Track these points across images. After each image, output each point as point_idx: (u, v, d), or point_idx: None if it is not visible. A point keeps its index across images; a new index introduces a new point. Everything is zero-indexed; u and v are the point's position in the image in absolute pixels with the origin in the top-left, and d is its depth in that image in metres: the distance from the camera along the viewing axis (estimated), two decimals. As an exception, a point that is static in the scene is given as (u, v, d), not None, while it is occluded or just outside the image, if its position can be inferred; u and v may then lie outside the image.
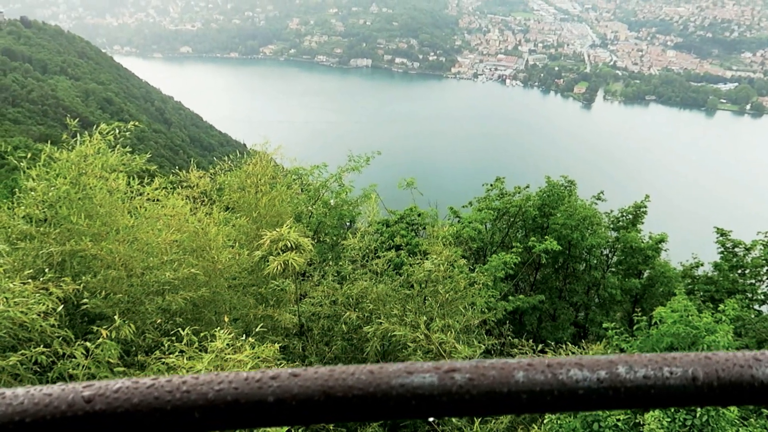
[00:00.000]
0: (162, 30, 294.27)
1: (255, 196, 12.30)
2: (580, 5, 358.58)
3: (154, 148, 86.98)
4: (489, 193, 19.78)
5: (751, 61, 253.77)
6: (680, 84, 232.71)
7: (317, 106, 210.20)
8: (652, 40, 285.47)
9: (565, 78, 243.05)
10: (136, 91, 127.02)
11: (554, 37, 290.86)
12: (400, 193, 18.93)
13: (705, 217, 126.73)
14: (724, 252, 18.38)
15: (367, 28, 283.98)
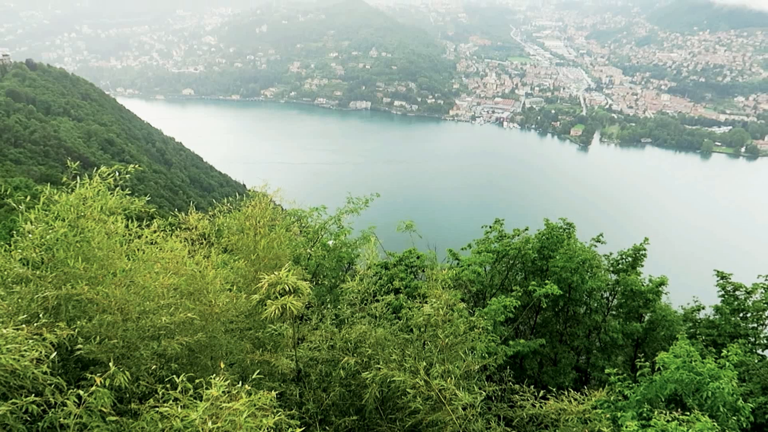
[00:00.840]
0: (165, 73, 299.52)
1: (254, 238, 12.24)
2: (575, 50, 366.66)
3: (154, 189, 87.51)
4: (488, 235, 19.72)
5: (744, 105, 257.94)
6: (675, 127, 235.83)
7: (317, 148, 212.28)
8: (647, 84, 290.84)
9: (561, 120, 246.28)
10: (138, 132, 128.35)
11: (550, 81, 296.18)
12: (398, 235, 18.89)
13: (704, 259, 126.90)
14: (724, 295, 18.22)
15: (367, 72, 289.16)
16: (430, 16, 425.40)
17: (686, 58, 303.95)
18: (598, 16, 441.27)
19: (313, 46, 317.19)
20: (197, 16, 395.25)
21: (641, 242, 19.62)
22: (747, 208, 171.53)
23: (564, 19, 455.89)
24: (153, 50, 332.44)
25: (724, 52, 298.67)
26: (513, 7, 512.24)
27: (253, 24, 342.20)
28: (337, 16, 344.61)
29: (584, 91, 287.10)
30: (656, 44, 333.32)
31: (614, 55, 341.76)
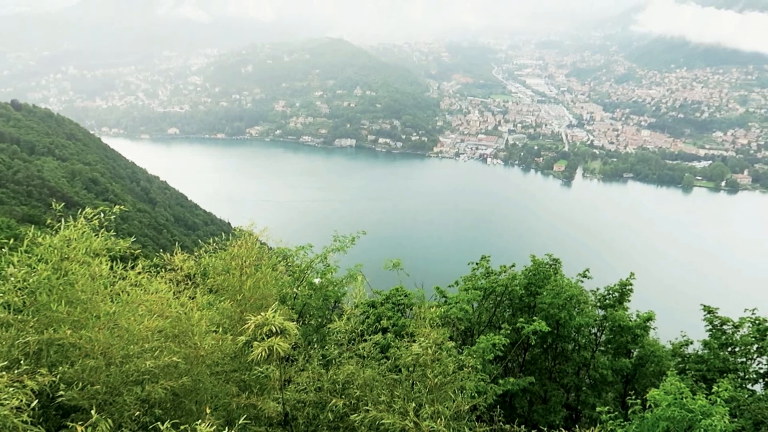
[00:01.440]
0: (150, 112, 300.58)
1: (239, 278, 12.10)
2: (556, 88, 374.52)
3: (138, 228, 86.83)
4: (475, 272, 19.72)
5: (722, 140, 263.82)
6: (656, 162, 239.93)
7: (303, 185, 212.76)
8: (627, 120, 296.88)
9: (544, 156, 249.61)
10: (123, 171, 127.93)
11: (532, 118, 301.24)
12: (386, 273, 18.80)
13: (690, 293, 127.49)
14: (712, 330, 18.28)
15: (352, 110, 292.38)
16: (413, 56, 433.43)
17: (665, 94, 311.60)
18: (578, 54, 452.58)
19: (299, 85, 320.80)
20: (183, 56, 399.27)
21: (627, 277, 19.71)
22: (729, 241, 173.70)
23: (544, 57, 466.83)
24: (139, 90, 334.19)
25: (701, 89, 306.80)
26: (494, 47, 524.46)
27: (238, 64, 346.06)
28: (322, 56, 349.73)
29: (566, 128, 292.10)
30: (635, 81, 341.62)
31: (594, 92, 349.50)
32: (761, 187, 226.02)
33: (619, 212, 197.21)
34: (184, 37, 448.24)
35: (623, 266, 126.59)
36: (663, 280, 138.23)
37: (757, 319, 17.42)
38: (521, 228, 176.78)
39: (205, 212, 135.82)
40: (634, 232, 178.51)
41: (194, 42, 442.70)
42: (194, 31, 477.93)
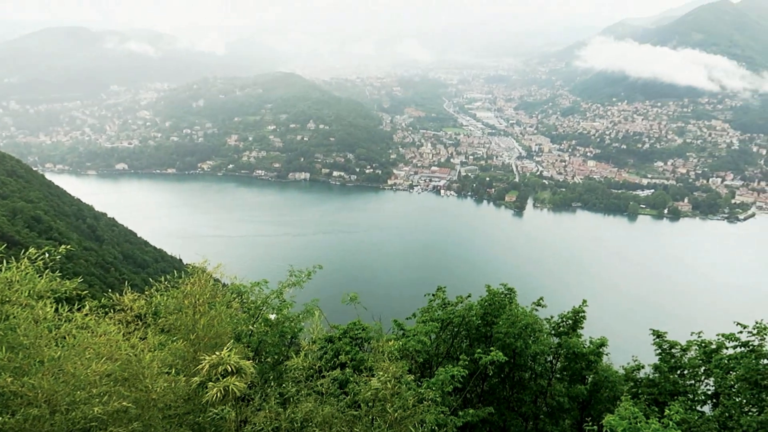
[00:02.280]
0: (97, 148, 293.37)
1: (193, 317, 11.80)
2: (506, 121, 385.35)
3: (84, 267, 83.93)
4: (431, 303, 19.74)
5: (663, 170, 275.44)
6: (602, 191, 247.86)
7: (256, 220, 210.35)
8: (573, 151, 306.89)
9: (496, 187, 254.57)
10: (68, 209, 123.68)
11: (484, 150, 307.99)
12: (343, 307, 18.66)
13: (640, 318, 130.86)
14: (661, 353, 18.71)
15: (305, 144, 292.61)
16: (365, 90, 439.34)
17: (608, 126, 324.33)
18: (525, 89, 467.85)
19: (251, 120, 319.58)
20: (132, 91, 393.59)
21: (580, 304, 20.08)
22: (674, 266, 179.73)
23: (493, 91, 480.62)
24: (85, 125, 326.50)
25: (641, 121, 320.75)
26: (445, 81, 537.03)
27: (189, 98, 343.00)
28: (274, 90, 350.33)
29: (516, 159, 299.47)
30: (580, 114, 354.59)
31: (542, 125, 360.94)
32: (701, 214, 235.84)
33: (569, 240, 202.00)
34: (133, 72, 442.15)
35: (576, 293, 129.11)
36: (614, 306, 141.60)
37: (703, 341, 17.96)
38: (476, 258, 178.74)
39: (156, 249, 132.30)
40: (585, 259, 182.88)
41: (144, 76, 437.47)
42: (143, 66, 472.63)
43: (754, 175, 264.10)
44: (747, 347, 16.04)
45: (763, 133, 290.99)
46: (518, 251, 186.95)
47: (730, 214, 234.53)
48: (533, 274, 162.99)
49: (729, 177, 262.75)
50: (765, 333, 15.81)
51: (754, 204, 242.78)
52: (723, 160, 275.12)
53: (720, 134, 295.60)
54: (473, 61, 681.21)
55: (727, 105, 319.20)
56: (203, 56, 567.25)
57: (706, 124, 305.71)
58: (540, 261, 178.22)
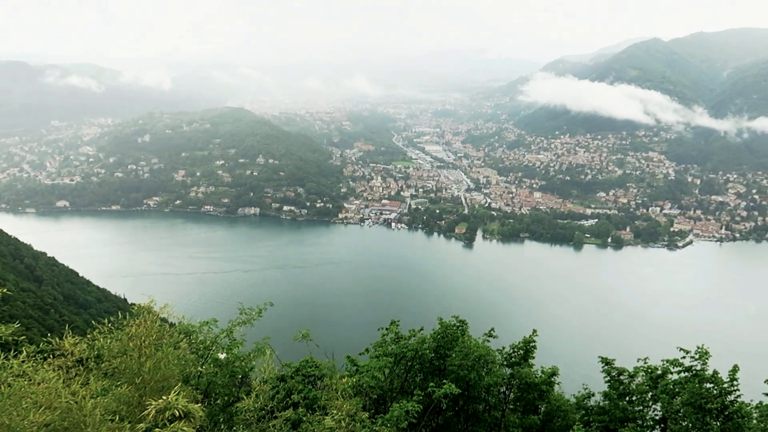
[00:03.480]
0: (37, 185, 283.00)
1: (138, 360, 11.39)
2: (454, 154, 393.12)
3: (22, 309, 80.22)
4: (384, 337, 19.64)
5: (605, 200, 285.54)
6: (549, 222, 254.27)
7: (205, 256, 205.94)
8: (520, 183, 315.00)
9: (446, 219, 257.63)
10: (3, 248, 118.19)
11: (433, 183, 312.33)
12: (295, 344, 18.37)
13: (589, 345, 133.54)
14: (610, 380, 19.09)
15: (255, 178, 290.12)
16: (315, 124, 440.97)
17: (552, 159, 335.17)
18: (471, 123, 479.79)
19: (199, 155, 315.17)
20: (74, 126, 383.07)
21: (530, 334, 20.35)
22: (619, 293, 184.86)
23: (441, 125, 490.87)
24: (24, 162, 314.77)
25: (583, 153, 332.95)
26: (394, 115, 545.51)
27: (135, 134, 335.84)
28: (222, 125, 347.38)
29: (465, 191, 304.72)
30: (525, 147, 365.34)
31: (489, 158, 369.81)
32: (642, 242, 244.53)
33: (519, 271, 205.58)
34: (75, 107, 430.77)
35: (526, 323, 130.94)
36: (563, 334, 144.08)
37: (649, 367, 18.45)
38: (428, 291, 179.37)
39: (99, 288, 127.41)
40: (534, 289, 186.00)
41: (86, 111, 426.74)
42: (86, 100, 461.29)
43: (690, 204, 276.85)
44: (690, 372, 16.57)
45: (696, 164, 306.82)
46: (469, 282, 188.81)
47: (669, 242, 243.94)
48: (484, 305, 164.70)
49: (667, 206, 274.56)
50: (706, 357, 16.39)
51: (691, 231, 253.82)
52: (661, 190, 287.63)
53: (657, 165, 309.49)
54: (421, 96, 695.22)
55: (663, 137, 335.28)
56: (148, 91, 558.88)
57: (644, 156, 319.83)
58: (490, 292, 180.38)
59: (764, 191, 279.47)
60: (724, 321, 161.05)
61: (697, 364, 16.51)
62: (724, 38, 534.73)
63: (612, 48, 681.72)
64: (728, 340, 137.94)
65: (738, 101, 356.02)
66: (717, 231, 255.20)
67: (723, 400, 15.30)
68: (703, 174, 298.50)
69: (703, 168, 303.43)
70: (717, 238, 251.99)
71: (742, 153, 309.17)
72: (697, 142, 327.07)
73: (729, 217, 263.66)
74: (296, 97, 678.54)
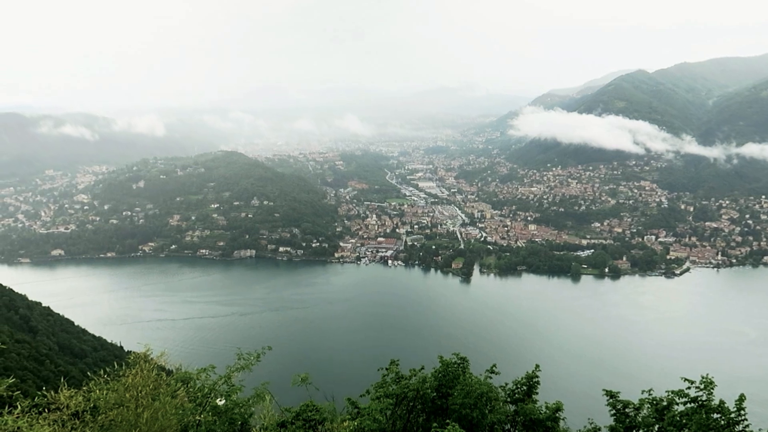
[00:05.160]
0: (31, 234, 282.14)
1: (135, 411, 11.20)
2: (447, 189, 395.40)
3: (17, 361, 79.14)
4: (385, 378, 19.36)
5: (600, 230, 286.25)
6: (545, 253, 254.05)
7: (201, 300, 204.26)
8: (514, 216, 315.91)
9: (442, 255, 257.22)
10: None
11: (428, 219, 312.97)
12: (294, 389, 18.09)
13: (592, 377, 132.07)
14: (616, 414, 18.79)
15: (250, 221, 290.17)
16: (308, 165, 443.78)
17: (545, 191, 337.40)
18: (464, 158, 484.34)
19: (194, 199, 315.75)
20: (69, 175, 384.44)
21: (533, 369, 20.11)
22: (619, 323, 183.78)
23: (434, 162, 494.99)
24: (18, 212, 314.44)
25: (576, 185, 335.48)
26: (386, 154, 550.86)
27: (129, 180, 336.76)
28: (216, 169, 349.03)
29: (460, 226, 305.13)
30: (517, 180, 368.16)
31: (482, 192, 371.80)
32: (639, 270, 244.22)
33: (517, 304, 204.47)
34: (69, 156, 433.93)
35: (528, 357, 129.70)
36: (566, 368, 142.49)
37: (654, 399, 18.19)
38: (427, 328, 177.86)
39: (95, 337, 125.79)
40: (534, 322, 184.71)
41: (80, 160, 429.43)
42: (80, 149, 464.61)
43: (685, 231, 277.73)
44: (696, 402, 16.35)
45: (688, 191, 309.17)
46: (468, 318, 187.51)
47: (666, 270, 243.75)
48: (484, 340, 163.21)
49: (662, 234, 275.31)
50: (711, 387, 16.20)
51: (688, 258, 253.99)
52: (655, 218, 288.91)
53: (649, 194, 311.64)
54: (412, 134, 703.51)
55: (654, 166, 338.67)
56: (142, 138, 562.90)
57: (636, 185, 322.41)
58: (490, 327, 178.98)
59: (757, 216, 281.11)
60: (726, 348, 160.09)
61: (702, 394, 16.30)
62: (707, 68, 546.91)
63: (598, 81, 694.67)
64: (731, 368, 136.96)
65: (725, 128, 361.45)
66: (713, 257, 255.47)
67: (732, 431, 15.08)
68: (696, 201, 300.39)
69: (696, 195, 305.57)
70: (714, 264, 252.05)
71: (732, 179, 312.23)
72: (687, 170, 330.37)
73: (724, 243, 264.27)
74: (289, 139, 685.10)
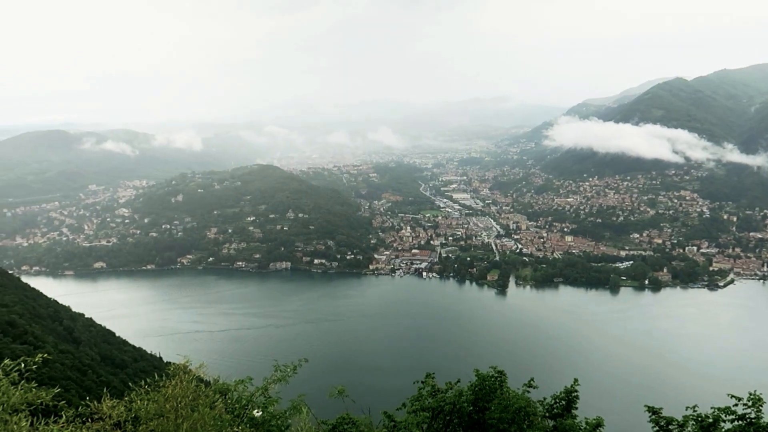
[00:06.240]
0: (75, 247, 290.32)
1: (175, 422, 11.37)
2: (482, 201, 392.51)
3: (60, 371, 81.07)
4: (421, 391, 19.23)
5: (639, 241, 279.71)
6: (582, 265, 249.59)
7: (238, 312, 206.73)
8: (550, 227, 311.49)
9: (477, 267, 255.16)
10: (43, 311, 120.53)
11: (462, 231, 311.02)
12: (330, 401, 18.11)
13: (634, 393, 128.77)
14: (659, 430, 18.27)
15: (285, 233, 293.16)
16: (342, 178, 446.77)
17: (581, 201, 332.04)
18: (498, 169, 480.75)
19: (230, 212, 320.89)
20: (110, 190, 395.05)
21: (572, 383, 19.70)
22: (660, 337, 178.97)
23: (468, 173, 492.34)
24: (63, 226, 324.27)
25: (613, 195, 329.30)
26: (420, 166, 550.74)
27: (168, 194, 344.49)
28: (252, 183, 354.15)
29: (495, 238, 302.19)
30: (553, 191, 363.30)
31: (517, 203, 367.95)
32: (681, 282, 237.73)
33: (554, 317, 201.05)
34: (111, 171, 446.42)
35: (566, 372, 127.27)
36: (605, 383, 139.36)
37: (699, 416, 17.61)
38: (463, 340, 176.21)
39: (135, 348, 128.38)
40: (572, 335, 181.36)
41: (122, 174, 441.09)
42: (121, 165, 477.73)
43: (728, 242, 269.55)
44: (744, 420, 15.77)
45: (731, 201, 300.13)
46: (504, 331, 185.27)
47: (709, 282, 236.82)
48: (521, 353, 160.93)
49: (704, 245, 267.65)
50: (760, 404, 15.60)
51: (732, 270, 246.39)
52: (696, 228, 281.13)
53: (690, 204, 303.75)
54: (446, 146, 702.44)
55: (694, 176, 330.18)
56: (180, 153, 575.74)
57: (676, 195, 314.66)
58: (526, 339, 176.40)
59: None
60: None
61: (751, 411, 15.71)
62: (748, 74, 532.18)
63: (635, 89, 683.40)
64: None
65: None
66: (759, 269, 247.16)
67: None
68: (739, 211, 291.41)
69: (739, 204, 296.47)
70: (759, 275, 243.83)
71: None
72: (729, 179, 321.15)
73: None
74: (323, 152, 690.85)
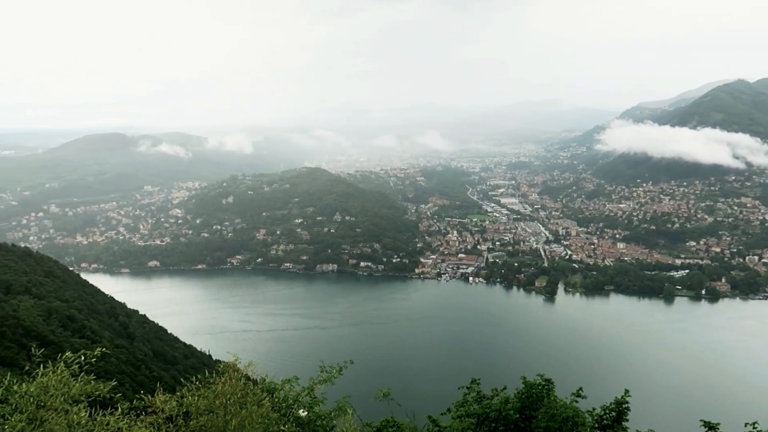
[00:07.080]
0: (131, 246, 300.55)
1: (224, 418, 11.64)
2: (530, 206, 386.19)
3: (116, 365, 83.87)
4: (466, 397, 19.09)
5: (696, 249, 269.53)
6: (635, 273, 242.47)
7: (285, 313, 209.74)
8: (602, 234, 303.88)
9: (525, 272, 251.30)
10: (101, 307, 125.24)
11: (510, 236, 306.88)
12: (375, 404, 18.19)
13: (688, 407, 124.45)
14: (715, 447, 17.58)
15: (332, 236, 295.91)
16: (390, 181, 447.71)
17: (635, 208, 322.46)
18: (547, 174, 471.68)
19: (279, 214, 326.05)
20: (165, 191, 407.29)
21: (622, 394, 19.20)
22: (718, 350, 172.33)
23: (516, 178, 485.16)
24: (120, 225, 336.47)
25: (668, 201, 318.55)
26: (468, 170, 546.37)
27: (219, 196, 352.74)
28: (300, 185, 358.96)
29: (543, 244, 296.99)
30: (605, 197, 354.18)
31: (567, 209, 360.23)
32: (740, 293, 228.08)
33: (604, 326, 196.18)
34: (165, 172, 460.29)
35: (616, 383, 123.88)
36: (657, 395, 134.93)
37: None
38: (509, 347, 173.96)
39: (185, 345, 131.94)
40: (623, 345, 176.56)
41: (175, 176, 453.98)
42: (175, 167, 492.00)
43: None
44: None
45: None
46: (552, 338, 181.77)
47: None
48: (569, 362, 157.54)
49: (766, 254, 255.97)
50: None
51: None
52: (757, 237, 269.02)
53: (751, 211, 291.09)
54: (494, 149, 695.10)
55: (756, 182, 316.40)
56: (231, 155, 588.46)
57: (736, 202, 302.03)
58: (575, 349, 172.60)
59: None
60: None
61: (814, 429, 15.00)
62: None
63: (692, 92, 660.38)
64: None
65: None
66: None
67: None
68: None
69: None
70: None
71: None
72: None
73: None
74: (371, 156, 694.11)
